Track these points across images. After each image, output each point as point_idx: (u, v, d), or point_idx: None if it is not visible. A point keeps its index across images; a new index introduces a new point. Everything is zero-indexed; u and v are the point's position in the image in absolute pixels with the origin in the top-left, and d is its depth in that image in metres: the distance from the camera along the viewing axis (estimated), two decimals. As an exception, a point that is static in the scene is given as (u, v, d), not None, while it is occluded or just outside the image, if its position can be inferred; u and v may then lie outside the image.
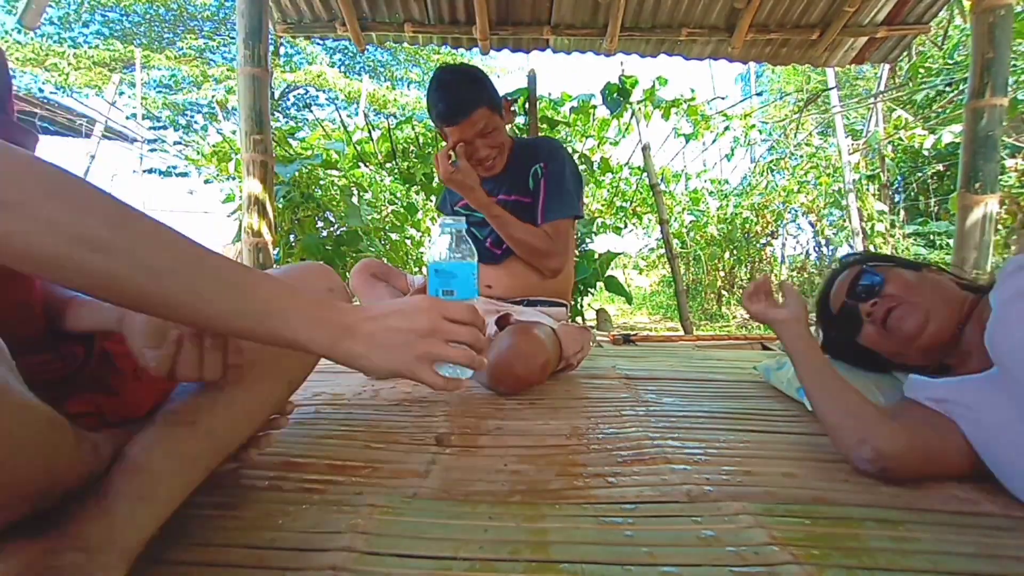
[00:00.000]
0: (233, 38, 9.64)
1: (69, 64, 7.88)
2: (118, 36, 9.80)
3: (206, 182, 3.80)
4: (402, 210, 3.49)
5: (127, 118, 6.36)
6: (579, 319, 3.23)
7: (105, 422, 0.56)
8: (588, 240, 3.56)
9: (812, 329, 0.89)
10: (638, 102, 3.50)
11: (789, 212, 5.65)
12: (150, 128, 6.44)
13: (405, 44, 2.82)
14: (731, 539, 0.54)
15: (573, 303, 2.82)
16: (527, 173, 1.38)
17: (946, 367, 0.82)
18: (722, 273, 5.81)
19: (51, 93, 7.60)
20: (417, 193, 3.52)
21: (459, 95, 1.26)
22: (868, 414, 0.70)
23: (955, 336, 0.78)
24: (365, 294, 1.49)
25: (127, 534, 0.42)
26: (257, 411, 0.60)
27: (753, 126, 4.91)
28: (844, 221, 5.15)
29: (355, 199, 3.19)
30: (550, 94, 3.53)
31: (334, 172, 3.16)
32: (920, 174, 5.07)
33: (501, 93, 1.36)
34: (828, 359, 0.82)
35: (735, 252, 5.73)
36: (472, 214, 1.41)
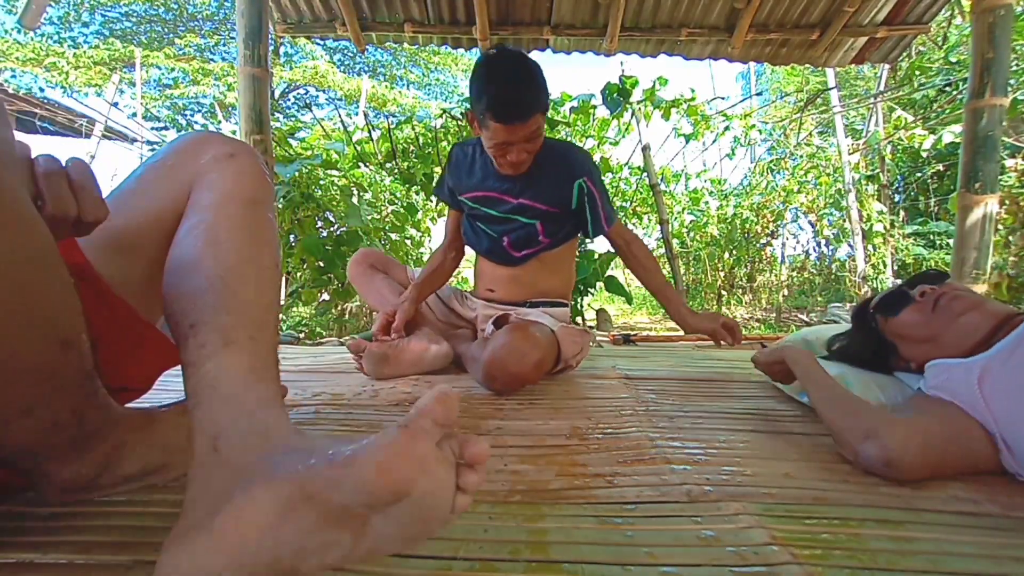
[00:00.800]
0: (233, 37, 9.65)
1: (68, 63, 7.88)
2: (118, 36, 9.81)
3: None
4: (402, 210, 3.49)
5: (128, 117, 6.36)
6: (579, 319, 3.23)
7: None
8: (588, 240, 3.56)
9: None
10: (638, 102, 3.50)
11: (789, 212, 5.65)
12: (152, 129, 6.44)
13: (405, 44, 2.82)
14: (731, 539, 0.53)
15: (573, 303, 2.82)
16: (567, 187, 1.31)
17: None
18: (722, 273, 5.81)
19: (50, 93, 7.60)
20: (417, 193, 3.52)
21: (522, 96, 1.14)
22: (872, 411, 0.73)
23: (988, 340, 0.79)
24: (362, 285, 1.46)
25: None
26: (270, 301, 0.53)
27: (753, 126, 4.91)
28: (844, 221, 5.15)
29: (355, 199, 3.19)
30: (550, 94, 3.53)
31: (334, 172, 3.16)
32: (920, 174, 5.07)
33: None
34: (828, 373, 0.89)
35: (735, 252, 5.73)
36: (481, 209, 1.37)
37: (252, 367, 0.45)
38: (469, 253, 1.55)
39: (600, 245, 3.37)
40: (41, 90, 7.82)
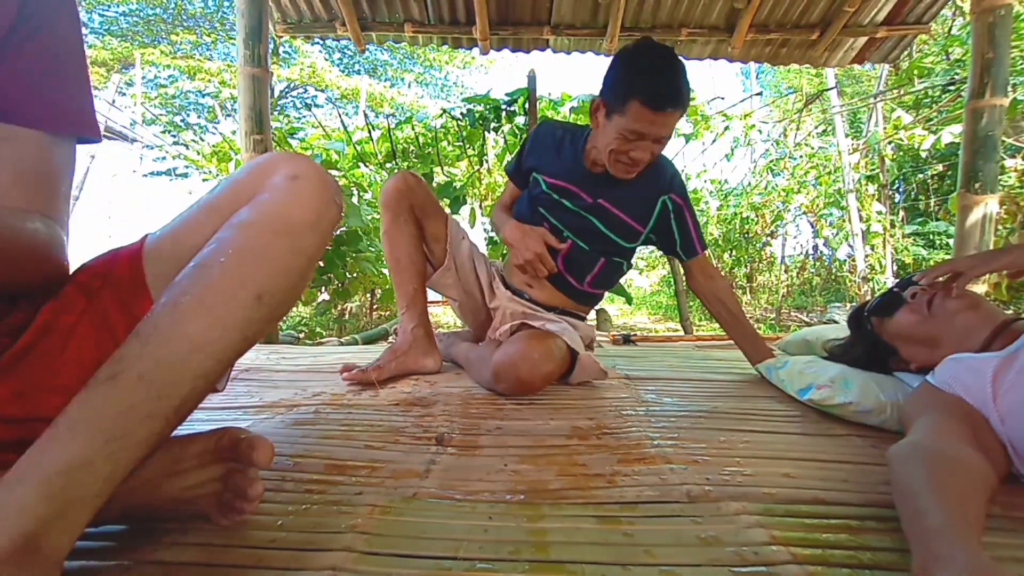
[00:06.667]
0: (232, 36, 9.64)
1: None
2: (116, 35, 9.81)
3: (205, 182, 3.80)
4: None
5: (130, 125, 6.36)
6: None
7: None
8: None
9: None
10: (638, 102, 3.49)
11: (789, 212, 5.65)
12: (154, 135, 6.44)
13: (405, 44, 2.82)
14: (731, 539, 0.53)
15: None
16: (652, 200, 1.25)
17: None
18: (722, 273, 5.81)
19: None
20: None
21: (678, 84, 1.08)
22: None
23: (989, 344, 0.79)
24: (388, 228, 1.30)
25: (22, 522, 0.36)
26: (210, 339, 0.47)
27: (753, 126, 4.91)
28: (844, 221, 5.16)
29: (355, 199, 3.19)
30: (550, 94, 3.53)
31: (334, 172, 3.16)
32: (920, 174, 5.08)
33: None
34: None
35: (735, 252, 5.74)
36: (553, 196, 1.27)
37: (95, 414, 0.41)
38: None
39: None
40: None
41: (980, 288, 2.04)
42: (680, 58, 1.11)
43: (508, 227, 1.31)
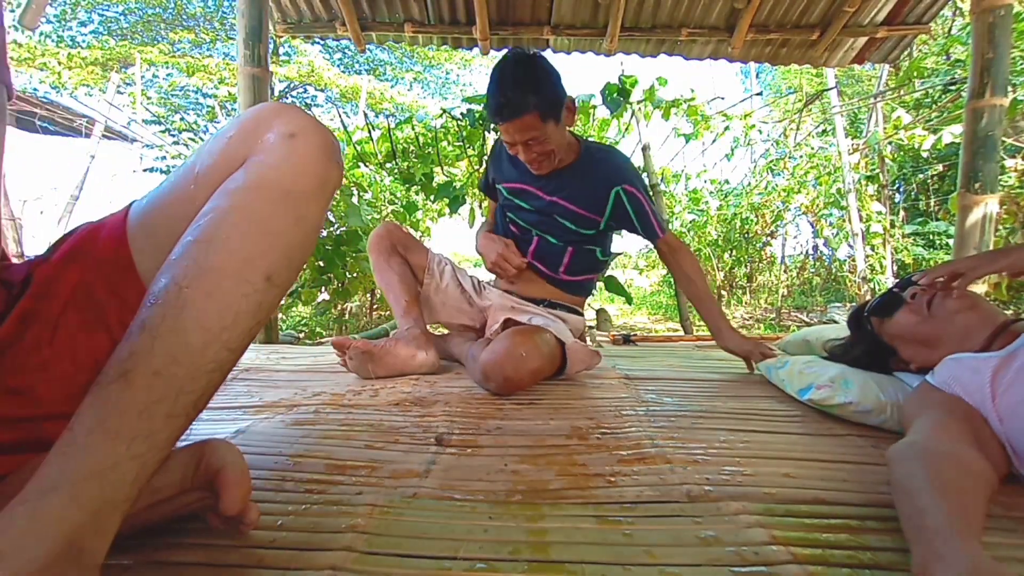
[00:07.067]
0: (231, 36, 9.63)
1: (60, 63, 7.83)
2: (116, 35, 9.80)
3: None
4: (402, 210, 3.49)
5: (128, 124, 6.36)
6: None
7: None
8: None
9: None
10: (638, 102, 3.49)
11: (789, 212, 5.65)
12: (154, 134, 6.43)
13: (405, 44, 2.82)
14: (731, 539, 0.53)
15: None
16: (604, 192, 1.31)
17: None
18: (722, 273, 5.81)
19: (47, 92, 7.57)
20: (417, 193, 3.52)
21: (511, 94, 1.16)
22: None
23: (989, 345, 0.79)
24: (378, 266, 1.43)
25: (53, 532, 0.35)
26: (224, 325, 0.44)
27: (753, 126, 4.91)
28: (844, 221, 5.15)
29: (355, 199, 3.19)
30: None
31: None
32: (920, 174, 5.07)
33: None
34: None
35: (735, 252, 5.74)
36: (514, 200, 1.37)
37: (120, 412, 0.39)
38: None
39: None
40: (35, 89, 7.79)
41: (980, 288, 2.04)
42: (534, 64, 1.19)
43: (478, 242, 1.47)
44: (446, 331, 1.58)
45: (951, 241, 3.20)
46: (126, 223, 0.54)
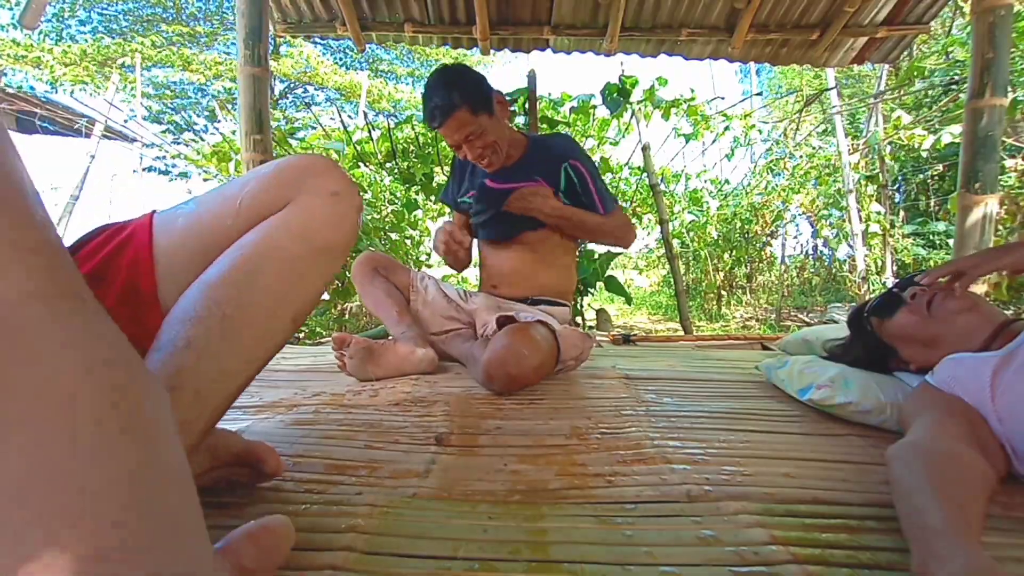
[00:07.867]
0: (228, 34, 9.61)
1: (55, 58, 7.79)
2: (115, 34, 9.79)
3: (205, 182, 3.80)
4: (402, 210, 3.49)
5: (126, 121, 6.35)
6: (579, 319, 3.23)
7: None
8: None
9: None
10: (638, 102, 3.50)
11: (789, 212, 5.65)
12: (154, 134, 6.42)
13: (405, 44, 2.82)
14: (731, 539, 0.53)
15: (573, 303, 2.83)
16: (555, 169, 1.39)
17: None
18: (722, 273, 5.81)
19: (47, 92, 7.55)
20: (417, 193, 3.52)
21: (436, 100, 1.28)
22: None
23: (989, 345, 0.79)
24: (363, 288, 1.48)
25: None
26: (255, 356, 0.51)
27: (753, 126, 4.91)
28: (844, 221, 5.16)
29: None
30: (550, 94, 3.53)
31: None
32: (920, 174, 5.08)
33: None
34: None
35: (735, 252, 5.74)
36: (478, 206, 1.41)
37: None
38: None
39: (600, 245, 3.37)
40: (32, 88, 7.76)
41: (980, 288, 2.04)
42: (450, 71, 1.31)
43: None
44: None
45: (951, 241, 3.20)
46: (152, 248, 0.55)
